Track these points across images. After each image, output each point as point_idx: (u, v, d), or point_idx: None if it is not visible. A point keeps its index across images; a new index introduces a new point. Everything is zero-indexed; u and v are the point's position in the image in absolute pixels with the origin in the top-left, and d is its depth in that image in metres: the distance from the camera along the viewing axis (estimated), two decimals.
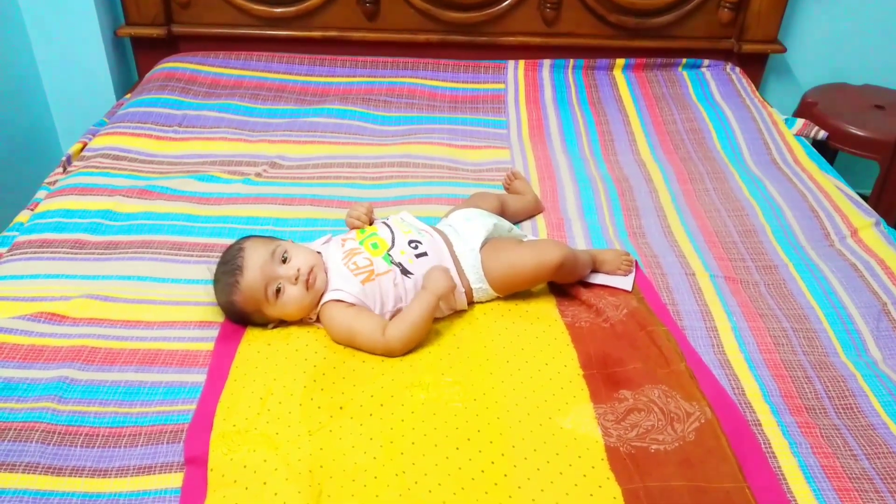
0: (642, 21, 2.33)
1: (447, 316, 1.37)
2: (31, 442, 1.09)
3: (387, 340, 1.25)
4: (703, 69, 2.37)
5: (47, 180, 1.83)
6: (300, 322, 1.34)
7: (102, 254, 1.50)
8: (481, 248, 1.40)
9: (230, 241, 1.40)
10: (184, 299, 1.39)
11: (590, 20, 2.33)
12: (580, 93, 2.27)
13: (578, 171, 1.89)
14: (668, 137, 2.06)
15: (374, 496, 1.03)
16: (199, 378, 1.22)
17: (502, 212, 1.58)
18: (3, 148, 2.17)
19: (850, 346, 1.34)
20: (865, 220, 1.66)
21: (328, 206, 1.68)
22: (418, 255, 1.37)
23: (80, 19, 2.19)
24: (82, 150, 1.89)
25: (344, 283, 1.31)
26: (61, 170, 1.84)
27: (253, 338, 1.30)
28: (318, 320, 1.33)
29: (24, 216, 1.67)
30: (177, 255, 1.51)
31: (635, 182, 1.84)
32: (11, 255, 1.49)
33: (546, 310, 1.40)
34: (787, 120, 2.18)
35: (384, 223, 1.44)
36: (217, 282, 1.33)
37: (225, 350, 1.27)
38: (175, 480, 1.06)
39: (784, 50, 2.38)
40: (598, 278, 1.46)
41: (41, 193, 1.75)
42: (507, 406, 1.17)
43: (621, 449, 1.11)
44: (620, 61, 2.35)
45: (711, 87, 2.29)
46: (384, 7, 2.29)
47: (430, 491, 1.03)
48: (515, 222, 1.61)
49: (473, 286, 1.38)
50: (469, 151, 1.95)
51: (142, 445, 1.10)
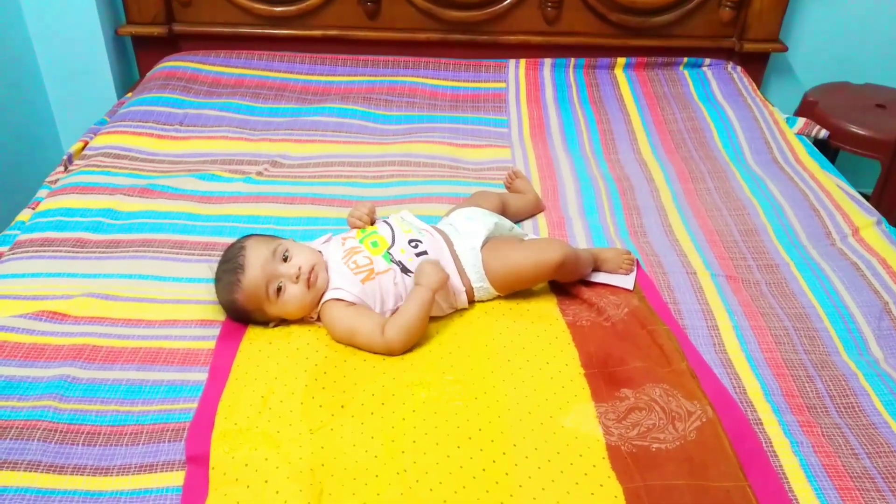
0: (643, 20, 2.33)
1: (448, 315, 1.37)
2: (33, 440, 1.09)
3: (386, 339, 1.25)
4: (705, 68, 2.37)
5: (48, 179, 1.83)
6: (301, 321, 1.34)
7: (104, 252, 1.50)
8: (482, 247, 1.40)
9: (231, 240, 1.40)
10: (185, 298, 1.39)
11: (591, 19, 2.33)
12: (581, 92, 2.27)
13: (579, 170, 1.89)
14: (670, 136, 2.06)
15: (376, 494, 1.03)
16: (201, 377, 1.22)
17: (503, 211, 1.58)
18: (4, 146, 2.17)
19: (852, 345, 1.34)
20: (867, 219, 1.66)
21: (329, 205, 1.69)
22: (418, 254, 1.37)
23: (82, 18, 2.19)
24: (83, 148, 1.89)
25: (344, 282, 1.31)
26: (62, 168, 1.85)
27: (254, 336, 1.30)
28: (318, 319, 1.33)
29: (25, 215, 1.67)
30: (178, 253, 1.51)
31: (636, 181, 1.84)
32: (13, 253, 1.49)
33: (547, 309, 1.40)
34: (788, 119, 2.18)
35: (385, 222, 1.44)
36: (218, 280, 1.33)
37: (226, 349, 1.27)
38: (177, 479, 1.06)
39: (785, 49, 2.38)
40: (600, 277, 1.46)
41: (42, 192, 1.76)
42: (508, 405, 1.17)
43: (622, 448, 1.11)
44: (622, 60, 2.35)
45: (713, 86, 2.28)
46: (385, 6, 2.29)
47: (432, 489, 1.04)
48: (516, 221, 1.61)
49: (474, 285, 1.38)
50: (470, 150, 1.95)
51: (143, 444, 1.11)
